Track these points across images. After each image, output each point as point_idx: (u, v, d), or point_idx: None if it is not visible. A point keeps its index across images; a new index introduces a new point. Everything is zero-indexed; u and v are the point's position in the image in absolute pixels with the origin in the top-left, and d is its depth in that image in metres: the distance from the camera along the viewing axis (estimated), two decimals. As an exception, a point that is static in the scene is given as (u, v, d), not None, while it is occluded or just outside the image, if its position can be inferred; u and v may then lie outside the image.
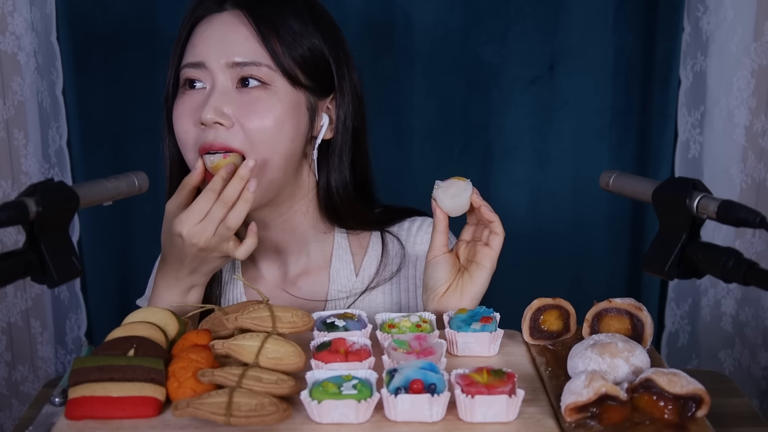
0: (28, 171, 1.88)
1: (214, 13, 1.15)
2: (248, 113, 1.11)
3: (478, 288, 1.11)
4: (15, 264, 0.83)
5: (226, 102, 1.11)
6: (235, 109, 1.11)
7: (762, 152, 1.87)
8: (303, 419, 0.85)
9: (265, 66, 1.12)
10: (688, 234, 0.88)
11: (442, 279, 1.13)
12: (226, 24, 1.13)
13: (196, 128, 1.12)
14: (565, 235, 1.96)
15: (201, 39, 1.14)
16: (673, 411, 0.83)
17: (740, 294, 1.94)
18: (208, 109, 1.09)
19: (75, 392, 0.87)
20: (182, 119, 1.14)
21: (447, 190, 1.11)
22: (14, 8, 1.80)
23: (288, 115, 1.13)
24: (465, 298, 1.11)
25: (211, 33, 1.13)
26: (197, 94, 1.13)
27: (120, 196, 0.99)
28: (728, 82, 1.84)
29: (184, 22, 1.17)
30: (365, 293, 1.24)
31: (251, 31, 1.12)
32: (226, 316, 0.98)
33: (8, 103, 1.85)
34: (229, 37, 1.12)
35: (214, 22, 1.14)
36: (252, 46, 1.12)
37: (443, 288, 1.12)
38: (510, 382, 0.85)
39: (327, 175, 1.21)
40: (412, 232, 1.27)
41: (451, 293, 1.12)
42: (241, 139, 1.11)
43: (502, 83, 1.89)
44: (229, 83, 1.12)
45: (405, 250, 1.26)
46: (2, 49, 1.82)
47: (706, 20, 1.82)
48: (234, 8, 1.14)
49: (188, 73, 1.14)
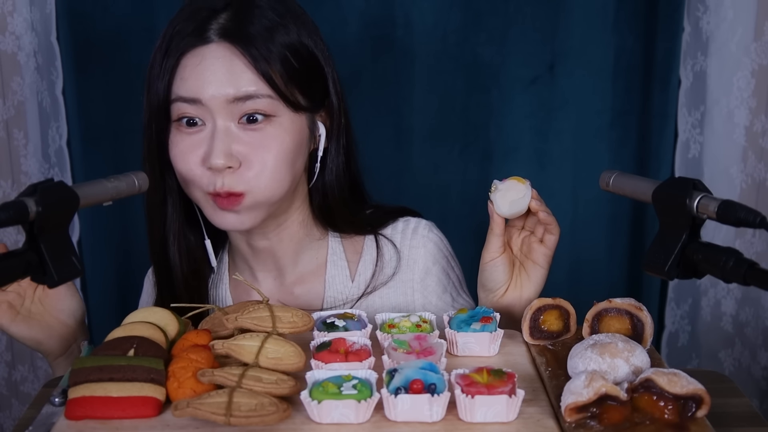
0: (28, 171, 1.88)
1: (201, 45, 1.08)
2: (257, 151, 1.09)
3: (536, 287, 1.13)
4: (15, 264, 0.83)
5: (233, 141, 1.08)
6: (243, 148, 1.08)
7: (762, 152, 1.87)
8: (303, 419, 0.85)
9: (267, 97, 1.08)
10: (688, 234, 0.88)
11: (501, 281, 1.13)
12: (217, 58, 1.07)
13: (202, 168, 1.09)
14: (565, 235, 1.95)
15: (193, 74, 1.08)
16: (673, 411, 0.83)
17: (740, 294, 1.94)
18: (217, 155, 1.07)
19: (75, 392, 0.87)
20: (185, 158, 1.11)
21: (505, 194, 1.09)
22: (14, 8, 1.80)
23: (294, 143, 1.12)
24: (524, 298, 1.13)
25: (204, 69, 1.07)
26: (196, 133, 1.10)
27: (120, 196, 0.99)
28: (728, 82, 1.84)
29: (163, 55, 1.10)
30: (362, 299, 1.23)
31: (246, 62, 1.07)
32: (226, 316, 0.98)
33: (8, 103, 1.85)
34: (224, 71, 1.07)
35: (205, 56, 1.08)
36: (250, 78, 1.07)
37: (503, 289, 1.14)
38: (510, 382, 0.85)
39: (321, 180, 1.21)
40: (407, 235, 1.25)
41: (511, 293, 1.14)
42: (246, 180, 1.09)
43: (502, 83, 1.89)
44: (229, 121, 1.08)
45: (400, 253, 1.25)
46: (2, 49, 1.82)
47: (706, 20, 1.82)
48: (221, 40, 1.08)
49: (183, 108, 1.09)
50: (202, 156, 1.09)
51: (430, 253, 1.25)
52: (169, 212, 1.19)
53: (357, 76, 1.84)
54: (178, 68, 1.09)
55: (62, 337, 1.16)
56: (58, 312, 1.15)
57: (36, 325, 1.13)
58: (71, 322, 1.16)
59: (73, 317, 1.16)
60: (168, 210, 1.19)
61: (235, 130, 1.09)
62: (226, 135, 1.08)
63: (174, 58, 1.09)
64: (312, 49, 1.14)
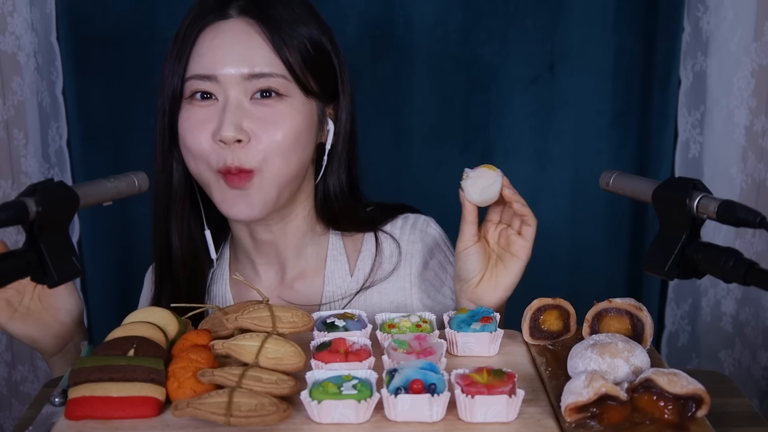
0: (28, 171, 1.88)
1: (220, 20, 1.10)
2: (267, 126, 1.09)
3: (512, 279, 1.12)
4: (15, 264, 0.83)
5: (244, 116, 1.08)
6: (253, 123, 1.09)
7: (762, 152, 1.87)
8: (303, 419, 0.85)
9: (281, 77, 1.09)
10: (688, 234, 0.88)
11: (475, 270, 1.12)
12: (236, 32, 1.09)
13: (212, 143, 1.09)
14: (565, 234, 1.96)
15: (210, 49, 1.09)
16: (673, 411, 0.83)
17: (740, 294, 1.94)
18: (227, 127, 1.07)
19: (75, 392, 0.87)
20: (195, 132, 1.11)
21: (476, 182, 1.09)
22: (14, 8, 1.80)
23: (304, 125, 1.12)
24: (500, 289, 1.12)
25: (221, 43, 1.09)
26: (208, 107, 1.10)
27: (120, 196, 0.99)
28: (728, 82, 1.84)
29: (184, 28, 1.12)
30: (360, 293, 1.23)
31: (264, 39, 1.09)
32: (226, 316, 0.98)
33: (8, 103, 1.85)
34: (241, 47, 1.08)
35: (222, 30, 1.09)
36: (267, 56, 1.09)
37: (477, 278, 1.12)
38: (510, 382, 0.85)
39: (325, 178, 1.21)
40: (405, 231, 1.26)
41: (486, 283, 1.12)
42: (256, 156, 1.09)
43: (502, 83, 1.89)
44: (242, 96, 1.09)
45: (401, 248, 1.25)
46: (2, 49, 1.82)
47: (706, 20, 1.82)
48: (240, 15, 1.10)
49: (197, 85, 1.10)
50: (212, 130, 1.09)
51: (427, 248, 1.25)
52: (174, 197, 1.19)
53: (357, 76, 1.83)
54: (195, 45, 1.10)
55: (58, 336, 1.15)
56: (56, 310, 1.15)
57: (32, 322, 1.13)
58: (68, 320, 1.16)
59: (70, 316, 1.16)
60: (174, 195, 1.19)
61: (247, 105, 1.09)
62: (238, 109, 1.08)
63: (194, 33, 1.10)
64: (329, 51, 1.16)
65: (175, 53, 1.12)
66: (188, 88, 1.11)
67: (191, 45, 1.11)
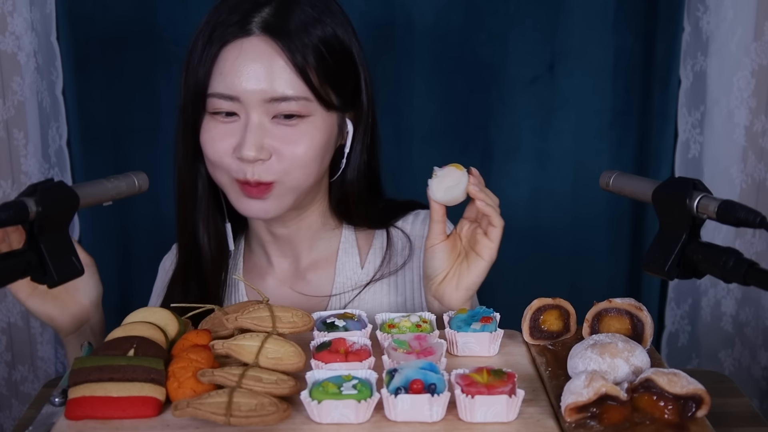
0: (28, 171, 1.88)
1: (242, 36, 1.10)
2: (288, 145, 1.11)
3: (474, 279, 1.11)
4: (15, 264, 0.83)
5: (265, 135, 1.10)
6: (275, 141, 1.11)
7: (762, 152, 1.87)
8: (303, 419, 0.85)
9: (303, 98, 1.10)
10: (688, 234, 0.88)
11: (440, 267, 1.13)
12: (258, 53, 1.09)
13: (232, 157, 1.12)
14: (565, 235, 1.96)
15: (232, 69, 1.09)
16: (673, 411, 0.83)
17: (740, 294, 1.94)
18: (249, 147, 1.09)
19: (75, 392, 0.87)
20: (216, 145, 1.13)
21: (442, 181, 1.08)
22: (14, 8, 1.80)
23: (325, 140, 1.14)
24: (461, 288, 1.11)
25: (243, 63, 1.09)
26: (231, 123, 1.12)
27: (120, 196, 0.99)
28: (728, 82, 1.84)
29: (205, 42, 1.11)
30: (370, 285, 1.25)
31: (286, 61, 1.09)
32: (226, 316, 0.98)
33: (8, 103, 1.85)
34: (263, 69, 1.09)
35: (245, 50, 1.09)
36: (289, 79, 1.09)
37: (441, 276, 1.13)
38: (510, 382, 0.85)
39: (342, 176, 1.23)
40: (416, 226, 1.29)
41: (448, 282, 1.12)
42: (276, 171, 1.12)
43: (502, 83, 1.89)
44: (264, 116, 1.10)
45: (411, 243, 1.27)
46: (2, 49, 1.82)
47: (706, 20, 1.82)
48: (263, 33, 1.09)
49: (219, 103, 1.11)
50: (233, 145, 1.11)
51: None
52: (199, 195, 1.22)
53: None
54: (218, 60, 1.11)
55: (75, 316, 1.16)
56: (74, 290, 1.16)
57: (51, 301, 1.14)
58: (86, 302, 1.17)
59: (88, 298, 1.17)
60: (199, 193, 1.22)
61: (268, 125, 1.11)
62: (259, 129, 1.10)
63: (216, 48, 1.11)
64: (347, 46, 1.16)
65: (195, 64, 1.12)
66: (210, 105, 1.12)
67: (213, 60, 1.11)
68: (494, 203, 1.09)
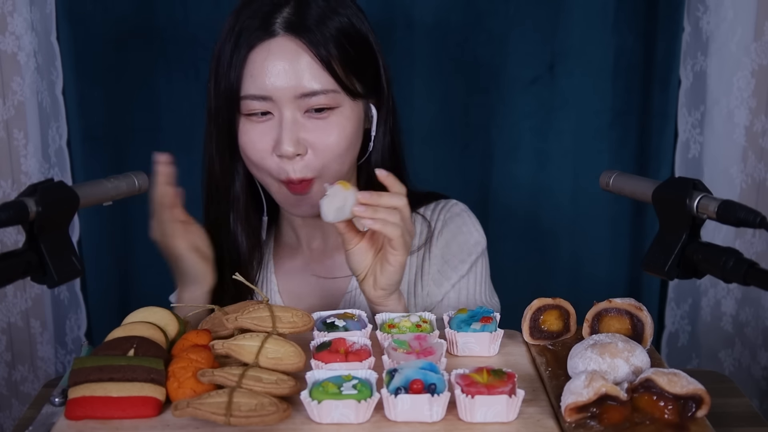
0: (28, 171, 1.88)
1: (268, 38, 1.15)
2: (322, 137, 1.16)
3: (387, 281, 1.11)
4: (15, 264, 0.83)
5: (300, 130, 1.16)
6: (309, 134, 1.16)
7: (762, 152, 1.87)
8: (303, 419, 0.85)
9: (331, 91, 1.16)
10: (688, 234, 0.88)
11: (359, 268, 1.13)
12: (285, 52, 1.14)
13: (272, 156, 1.17)
14: (565, 235, 1.96)
15: (261, 70, 1.14)
16: (673, 411, 0.83)
17: (740, 294, 1.93)
18: (287, 143, 1.14)
19: (75, 392, 0.87)
20: (256, 146, 1.18)
21: (331, 201, 1.05)
22: (14, 8, 1.80)
23: (354, 127, 1.20)
24: (378, 288, 1.12)
25: (272, 65, 1.14)
26: (266, 122, 1.17)
27: (120, 196, 0.99)
28: (728, 82, 1.84)
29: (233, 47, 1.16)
30: None
31: (312, 57, 1.14)
32: (226, 316, 0.98)
33: (8, 103, 1.85)
34: (291, 67, 1.14)
35: (272, 51, 1.14)
36: (316, 74, 1.14)
37: (362, 275, 1.13)
38: (510, 382, 0.85)
39: (368, 158, 1.28)
40: (436, 213, 1.33)
41: (366, 281, 1.13)
42: (315, 167, 1.17)
43: (502, 83, 1.89)
44: (297, 111, 1.16)
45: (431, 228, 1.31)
46: (2, 49, 1.82)
47: (706, 20, 1.82)
48: (286, 33, 1.15)
49: (253, 104, 1.16)
50: (272, 144, 1.16)
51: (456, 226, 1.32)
52: (236, 196, 1.27)
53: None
54: (247, 63, 1.15)
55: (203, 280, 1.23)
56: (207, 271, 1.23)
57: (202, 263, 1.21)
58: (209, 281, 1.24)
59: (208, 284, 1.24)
60: (236, 194, 1.27)
61: (301, 119, 1.16)
62: (294, 124, 1.15)
63: (244, 51, 1.15)
64: (364, 33, 1.22)
65: (225, 68, 1.17)
66: (244, 107, 1.17)
67: (242, 63, 1.15)
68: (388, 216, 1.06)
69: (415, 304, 1.29)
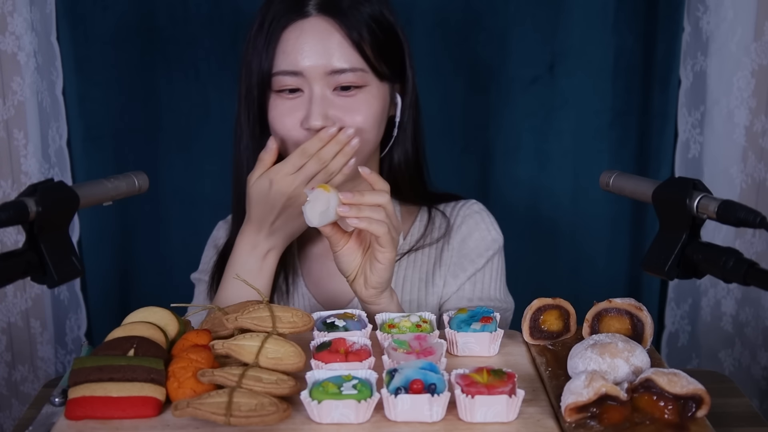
0: (28, 171, 1.88)
1: (301, 18, 1.19)
2: (350, 114, 1.20)
3: (377, 279, 1.11)
4: (15, 264, 0.83)
5: (329, 106, 1.20)
6: (337, 111, 1.20)
7: (762, 152, 1.87)
8: (303, 419, 0.85)
9: (360, 70, 1.20)
10: (688, 234, 0.88)
11: (348, 268, 1.13)
12: (317, 31, 1.19)
13: (300, 129, 1.20)
14: (565, 235, 1.96)
15: (294, 47, 1.19)
16: (673, 411, 0.83)
17: (740, 294, 1.93)
18: (315, 116, 1.18)
19: (75, 392, 0.87)
20: (284, 120, 1.21)
21: (314, 206, 1.05)
22: (14, 8, 1.80)
23: (380, 108, 1.24)
24: (369, 287, 1.12)
25: (305, 41, 1.18)
26: (295, 98, 1.21)
27: (120, 196, 0.99)
28: (728, 82, 1.84)
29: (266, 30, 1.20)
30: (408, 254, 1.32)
31: (344, 36, 1.19)
32: (226, 316, 0.98)
33: (8, 103, 1.85)
34: (322, 44, 1.18)
35: (305, 29, 1.19)
36: (347, 52, 1.19)
37: (352, 275, 1.14)
38: (510, 382, 0.85)
39: (391, 150, 1.32)
40: (456, 209, 1.36)
41: (357, 280, 1.13)
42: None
43: (502, 83, 1.89)
44: (326, 88, 1.19)
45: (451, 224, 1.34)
46: (2, 49, 1.82)
47: (706, 20, 1.82)
48: (319, 13, 1.19)
49: (284, 81, 1.20)
50: (300, 119, 1.20)
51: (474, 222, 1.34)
52: None
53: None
54: (280, 42, 1.20)
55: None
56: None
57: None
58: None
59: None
60: None
61: (330, 96, 1.20)
62: (323, 100, 1.19)
63: (278, 32, 1.20)
64: (392, 23, 1.26)
65: (259, 49, 1.21)
66: (276, 83, 1.21)
67: (276, 42, 1.20)
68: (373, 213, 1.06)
69: (432, 293, 1.30)
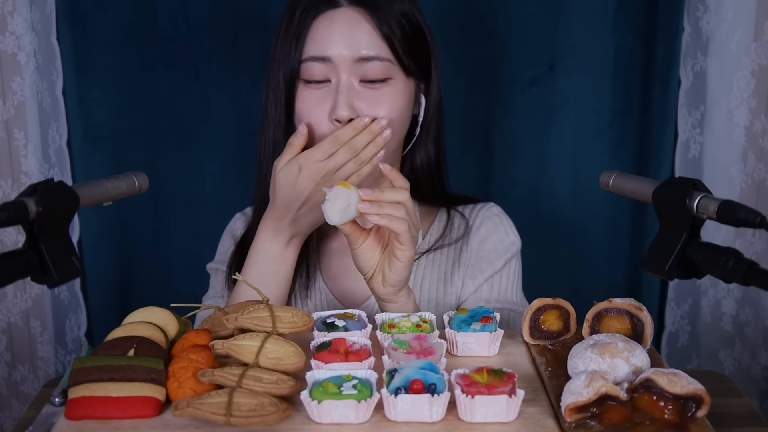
0: (28, 171, 1.88)
1: (332, 8, 1.21)
2: (376, 107, 1.21)
3: (396, 277, 1.11)
4: (15, 264, 0.83)
5: (355, 97, 1.21)
6: (363, 103, 1.21)
7: (762, 152, 1.87)
8: (303, 419, 0.85)
9: (387, 61, 1.21)
10: (688, 234, 0.88)
11: (366, 266, 1.14)
12: (348, 20, 1.21)
13: (327, 122, 1.21)
14: (565, 235, 1.96)
15: (324, 35, 1.21)
16: (673, 411, 0.83)
17: (740, 294, 1.93)
18: (342, 107, 1.19)
19: (75, 392, 0.87)
20: (312, 111, 1.22)
21: (333, 204, 1.05)
22: (14, 8, 1.80)
23: (405, 103, 1.25)
24: (387, 284, 1.12)
25: (336, 29, 1.20)
26: (322, 88, 1.22)
27: (120, 196, 0.99)
28: (728, 82, 1.84)
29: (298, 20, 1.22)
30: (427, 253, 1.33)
31: (373, 26, 1.21)
32: (226, 316, 0.98)
33: (8, 103, 1.85)
34: (352, 33, 1.20)
35: (336, 18, 1.21)
36: (375, 42, 1.21)
37: (370, 273, 1.14)
38: (510, 382, 0.85)
39: (413, 149, 1.33)
40: (475, 211, 1.38)
41: (375, 277, 1.14)
42: None
43: (503, 83, 1.89)
44: (353, 78, 1.21)
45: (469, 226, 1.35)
46: (2, 49, 1.82)
47: (706, 20, 1.82)
48: (350, 4, 1.21)
49: (313, 67, 1.21)
50: (327, 110, 1.21)
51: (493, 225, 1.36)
52: None
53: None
54: (311, 30, 1.22)
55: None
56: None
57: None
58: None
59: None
60: None
61: (357, 86, 1.21)
62: (349, 90, 1.21)
63: (309, 21, 1.22)
64: (421, 23, 1.28)
65: (289, 38, 1.23)
66: (304, 70, 1.22)
67: (306, 31, 1.22)
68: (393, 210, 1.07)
69: (450, 293, 1.32)
